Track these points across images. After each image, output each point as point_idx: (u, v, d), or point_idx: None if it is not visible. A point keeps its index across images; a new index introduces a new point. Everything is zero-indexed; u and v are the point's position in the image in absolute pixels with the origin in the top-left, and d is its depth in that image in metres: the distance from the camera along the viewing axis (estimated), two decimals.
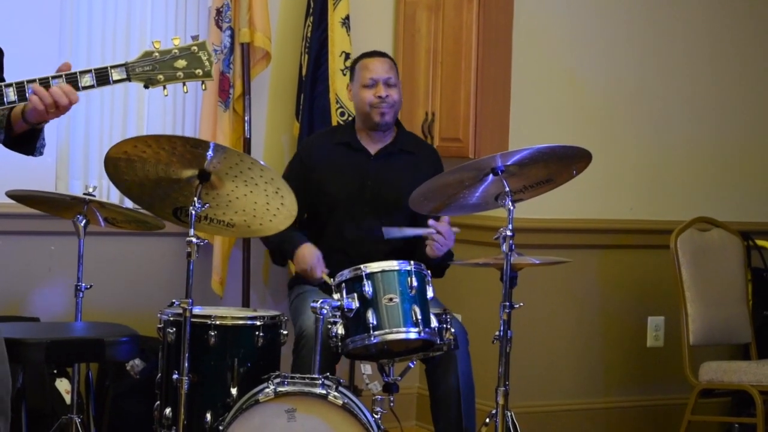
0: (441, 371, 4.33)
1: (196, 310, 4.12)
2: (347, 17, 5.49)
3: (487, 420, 4.07)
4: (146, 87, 3.24)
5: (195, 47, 3.26)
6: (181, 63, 3.24)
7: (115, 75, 3.20)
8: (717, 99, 5.82)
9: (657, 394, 5.70)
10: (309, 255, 4.49)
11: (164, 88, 3.26)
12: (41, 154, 3.43)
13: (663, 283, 5.53)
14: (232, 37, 5.32)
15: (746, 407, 5.41)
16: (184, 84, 3.27)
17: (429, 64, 5.58)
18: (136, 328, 4.44)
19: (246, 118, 5.39)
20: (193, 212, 3.94)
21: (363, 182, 4.64)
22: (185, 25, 5.46)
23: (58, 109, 3.18)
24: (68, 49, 5.23)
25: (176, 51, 3.24)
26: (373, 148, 4.69)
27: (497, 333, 4.00)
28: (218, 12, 5.32)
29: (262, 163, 3.99)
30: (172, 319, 4.15)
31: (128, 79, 3.21)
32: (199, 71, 3.25)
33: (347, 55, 5.47)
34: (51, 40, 5.14)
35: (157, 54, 3.23)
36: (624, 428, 5.64)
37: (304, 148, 4.89)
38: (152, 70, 3.22)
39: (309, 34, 5.48)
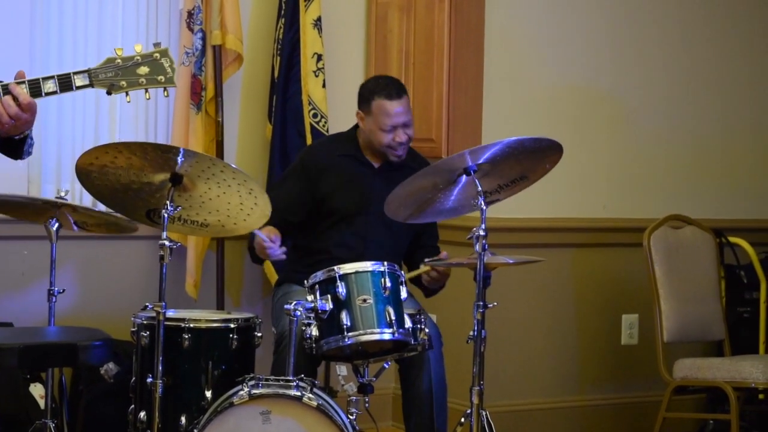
0: (414, 372, 4.32)
1: (170, 314, 4.11)
2: (319, 18, 5.48)
3: (462, 420, 4.06)
4: (109, 93, 3.26)
5: (157, 54, 3.28)
6: (144, 70, 3.26)
7: (78, 81, 3.20)
8: (690, 97, 5.84)
9: (632, 392, 5.71)
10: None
11: (126, 94, 3.27)
12: (30, 154, 3.39)
13: (637, 280, 5.55)
14: (203, 39, 5.31)
15: (720, 404, 5.44)
16: (146, 90, 3.30)
17: (401, 64, 5.58)
18: (110, 332, 4.42)
19: (218, 120, 5.38)
20: (166, 215, 3.94)
21: (368, 194, 4.60)
22: (156, 27, 5.44)
23: (16, 120, 3.13)
24: (39, 52, 5.20)
25: (138, 58, 3.27)
26: (377, 162, 4.66)
27: (471, 333, 4.00)
28: (189, 14, 5.31)
29: (233, 166, 3.99)
30: (145, 322, 4.15)
31: (91, 85, 3.22)
32: (161, 78, 3.28)
33: (319, 57, 5.47)
34: (22, 45, 5.11)
35: (119, 61, 3.25)
36: (599, 426, 5.65)
37: (307, 156, 4.75)
38: (115, 76, 3.24)
39: (281, 36, 5.47)
